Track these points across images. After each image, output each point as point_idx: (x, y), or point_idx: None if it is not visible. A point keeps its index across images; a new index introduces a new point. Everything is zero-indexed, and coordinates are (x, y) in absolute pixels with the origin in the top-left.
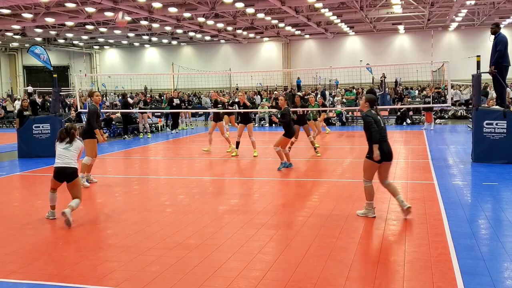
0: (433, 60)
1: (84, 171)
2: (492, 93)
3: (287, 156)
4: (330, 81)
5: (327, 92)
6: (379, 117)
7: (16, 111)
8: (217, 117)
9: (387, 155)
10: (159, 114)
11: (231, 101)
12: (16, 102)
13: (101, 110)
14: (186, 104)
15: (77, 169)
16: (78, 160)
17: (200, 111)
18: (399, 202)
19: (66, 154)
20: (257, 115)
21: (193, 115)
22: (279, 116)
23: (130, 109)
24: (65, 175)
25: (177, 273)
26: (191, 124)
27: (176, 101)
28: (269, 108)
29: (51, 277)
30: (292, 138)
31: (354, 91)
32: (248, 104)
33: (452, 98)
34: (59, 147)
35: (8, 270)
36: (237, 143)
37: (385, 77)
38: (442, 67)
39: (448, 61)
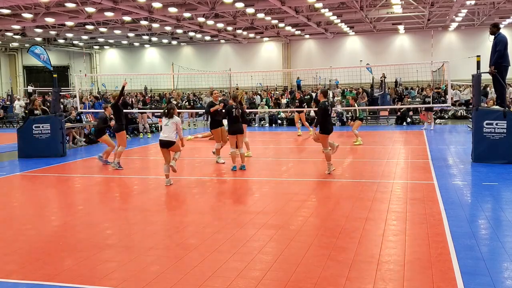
0: (433, 60)
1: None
2: (492, 93)
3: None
4: (330, 81)
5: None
6: (329, 106)
7: (15, 111)
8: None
9: (331, 130)
10: (159, 114)
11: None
12: (16, 102)
13: (101, 110)
14: (192, 103)
15: (175, 140)
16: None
17: (200, 111)
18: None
19: (166, 130)
20: (257, 115)
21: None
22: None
23: (130, 109)
24: (166, 144)
25: (177, 273)
26: (194, 124)
27: (174, 101)
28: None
29: (51, 277)
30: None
31: (354, 91)
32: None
33: (452, 98)
34: (163, 123)
35: (8, 270)
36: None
37: (385, 77)
38: (442, 67)
39: (448, 61)
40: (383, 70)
